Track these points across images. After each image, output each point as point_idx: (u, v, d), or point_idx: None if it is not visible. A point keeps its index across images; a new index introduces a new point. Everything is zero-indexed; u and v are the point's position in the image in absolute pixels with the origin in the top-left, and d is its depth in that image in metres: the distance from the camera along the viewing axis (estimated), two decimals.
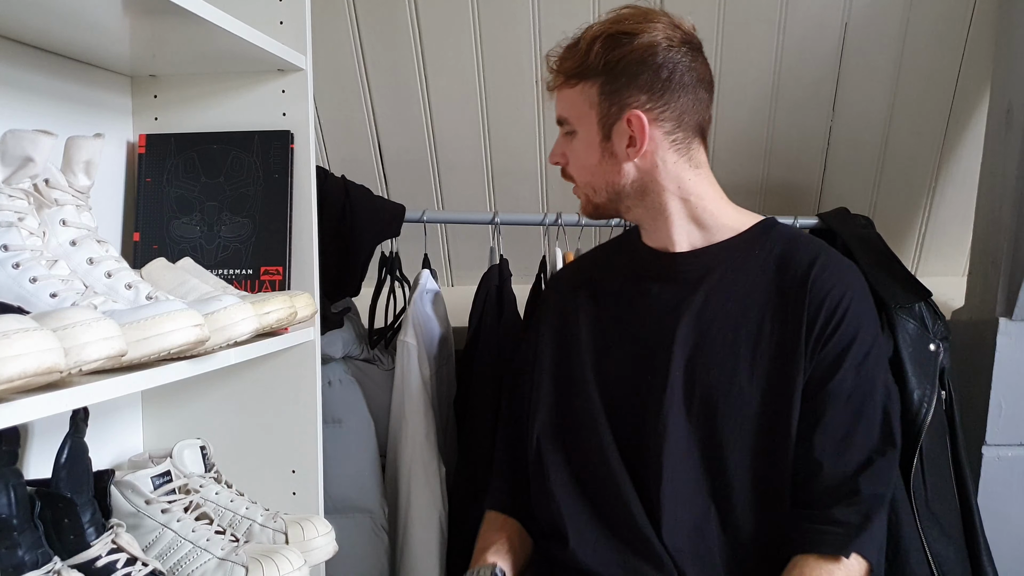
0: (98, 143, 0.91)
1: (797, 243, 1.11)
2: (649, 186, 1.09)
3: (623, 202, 1.11)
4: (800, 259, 1.08)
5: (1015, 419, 1.50)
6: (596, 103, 1.07)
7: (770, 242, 1.11)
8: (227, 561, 1.02)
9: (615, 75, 1.05)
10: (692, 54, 1.08)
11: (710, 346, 1.08)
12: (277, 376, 1.23)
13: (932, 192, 1.85)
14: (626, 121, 1.05)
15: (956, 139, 1.77)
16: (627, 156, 1.07)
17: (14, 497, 0.80)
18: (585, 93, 1.08)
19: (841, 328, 1.05)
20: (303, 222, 1.21)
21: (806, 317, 1.05)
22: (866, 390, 1.05)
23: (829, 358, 1.05)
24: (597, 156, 1.09)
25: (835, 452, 1.03)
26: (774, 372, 1.06)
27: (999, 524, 1.46)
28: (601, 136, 1.08)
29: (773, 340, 1.06)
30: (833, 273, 1.07)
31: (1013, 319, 1.47)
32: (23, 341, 0.59)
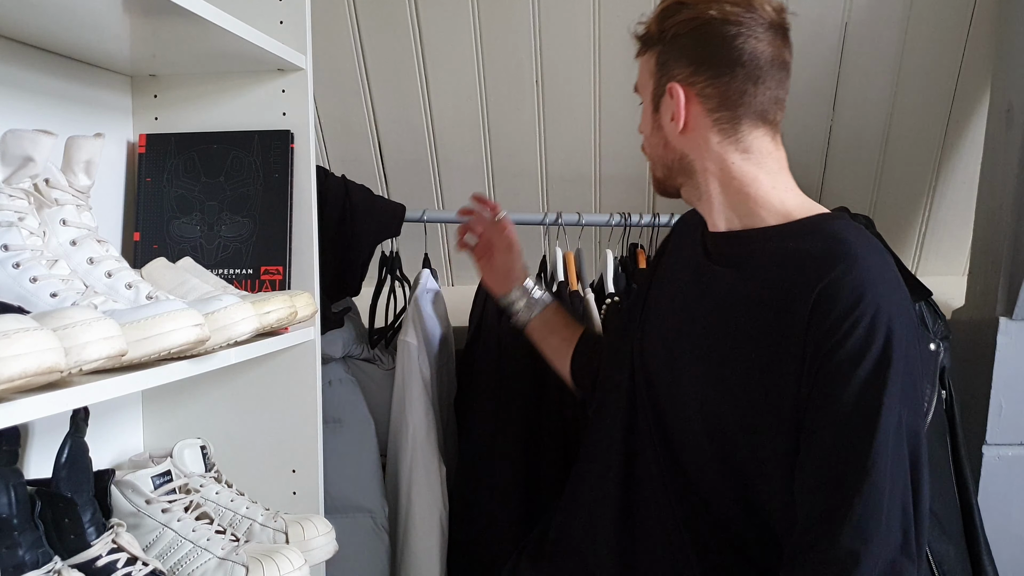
0: (98, 143, 0.91)
1: (833, 243, 0.94)
2: (693, 165, 1.03)
3: (676, 179, 1.06)
4: (822, 265, 0.92)
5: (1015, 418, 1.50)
6: (654, 73, 1.03)
7: (810, 237, 0.96)
8: (227, 561, 1.02)
9: (668, 45, 1.01)
10: (756, 31, 0.97)
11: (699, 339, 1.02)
12: (277, 376, 1.23)
13: (932, 192, 1.85)
14: (668, 93, 1.01)
15: (956, 139, 1.77)
16: (671, 130, 1.02)
17: (14, 497, 0.80)
18: (647, 62, 1.05)
19: (846, 346, 0.88)
20: (303, 222, 1.21)
21: (801, 334, 0.91)
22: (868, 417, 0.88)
23: (823, 381, 0.90)
24: (650, 128, 1.06)
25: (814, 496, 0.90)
26: (752, 387, 0.95)
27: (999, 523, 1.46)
28: (652, 107, 1.05)
29: (757, 350, 0.95)
30: (850, 283, 0.90)
31: (1013, 319, 1.47)
32: (23, 341, 0.59)
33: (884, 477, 0.86)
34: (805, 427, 0.91)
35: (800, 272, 0.93)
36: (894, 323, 0.89)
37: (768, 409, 0.93)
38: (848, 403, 0.88)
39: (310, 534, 1.16)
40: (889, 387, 0.87)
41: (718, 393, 0.98)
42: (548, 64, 1.72)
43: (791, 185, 1.03)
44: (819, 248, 0.94)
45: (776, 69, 1.00)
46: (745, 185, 1.01)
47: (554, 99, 1.77)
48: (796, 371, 0.91)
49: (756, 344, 0.95)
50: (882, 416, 0.87)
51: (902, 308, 0.93)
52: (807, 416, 0.91)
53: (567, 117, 1.80)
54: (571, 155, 1.86)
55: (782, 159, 1.03)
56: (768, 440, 0.94)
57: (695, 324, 1.03)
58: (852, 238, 0.95)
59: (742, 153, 1.00)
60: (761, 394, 0.94)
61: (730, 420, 0.97)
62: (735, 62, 0.97)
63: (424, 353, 1.50)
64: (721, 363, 0.98)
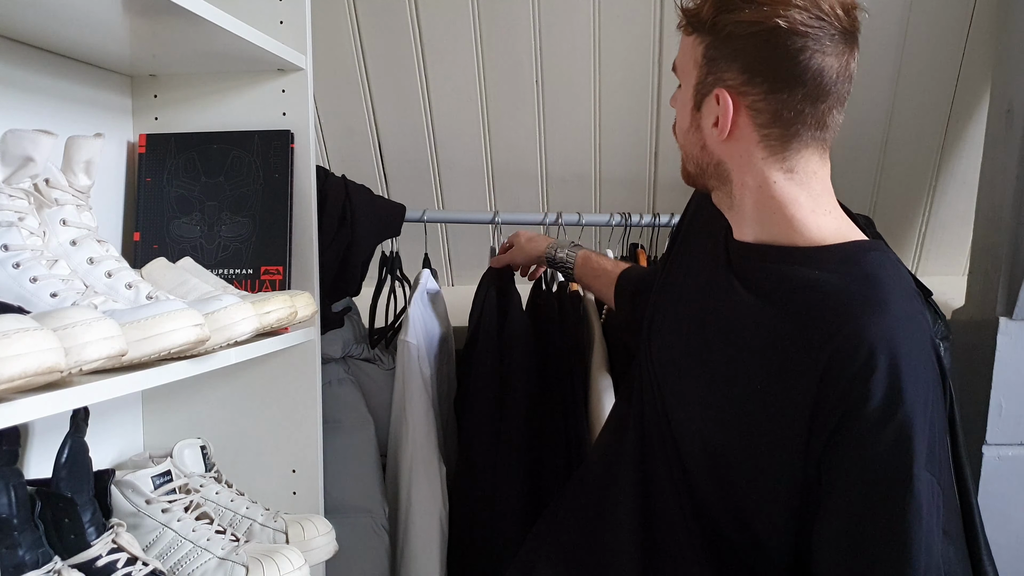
0: (98, 143, 0.91)
1: (864, 284, 0.86)
2: (730, 175, 0.93)
3: (707, 179, 0.97)
4: (848, 303, 0.84)
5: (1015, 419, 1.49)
6: (699, 64, 0.91)
7: (841, 270, 0.87)
8: (227, 561, 1.02)
9: (720, 41, 0.89)
10: (825, 44, 0.86)
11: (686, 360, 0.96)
12: (277, 376, 1.23)
13: (932, 192, 1.85)
14: (715, 97, 0.90)
15: (956, 139, 1.77)
16: (711, 135, 0.92)
17: (14, 497, 0.80)
18: (694, 48, 0.92)
19: (865, 409, 0.81)
20: (303, 222, 1.21)
21: (814, 386, 0.83)
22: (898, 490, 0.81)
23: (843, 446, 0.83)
24: (687, 123, 0.95)
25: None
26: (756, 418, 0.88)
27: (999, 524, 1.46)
28: (693, 103, 0.93)
29: (767, 382, 0.87)
30: (871, 333, 0.82)
31: (1013, 318, 1.47)
32: (23, 341, 0.59)
33: (919, 554, 0.81)
34: (825, 490, 0.84)
35: (824, 310, 0.85)
36: (918, 384, 0.82)
37: (771, 447, 0.87)
38: (873, 475, 0.82)
39: (310, 534, 1.16)
40: (916, 457, 0.81)
41: (719, 417, 0.91)
42: (548, 64, 1.72)
43: (832, 206, 0.93)
44: (847, 287, 0.86)
45: (840, 84, 0.89)
46: (784, 206, 0.91)
47: (554, 99, 1.77)
48: (807, 417, 0.84)
49: (767, 376, 0.87)
50: (914, 487, 0.80)
51: (924, 358, 0.85)
52: (826, 477, 0.84)
53: (567, 117, 1.80)
54: (571, 155, 1.86)
55: (827, 177, 0.94)
56: (768, 479, 0.88)
57: (705, 341, 0.95)
58: (884, 277, 0.87)
59: (786, 173, 0.91)
60: (765, 429, 0.87)
61: (728, 447, 0.91)
62: (796, 80, 0.86)
63: (424, 353, 1.50)
64: (727, 386, 0.91)
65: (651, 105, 1.77)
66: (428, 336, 1.52)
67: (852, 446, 0.82)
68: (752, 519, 0.91)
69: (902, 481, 0.80)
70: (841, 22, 0.86)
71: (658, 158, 1.85)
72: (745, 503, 0.91)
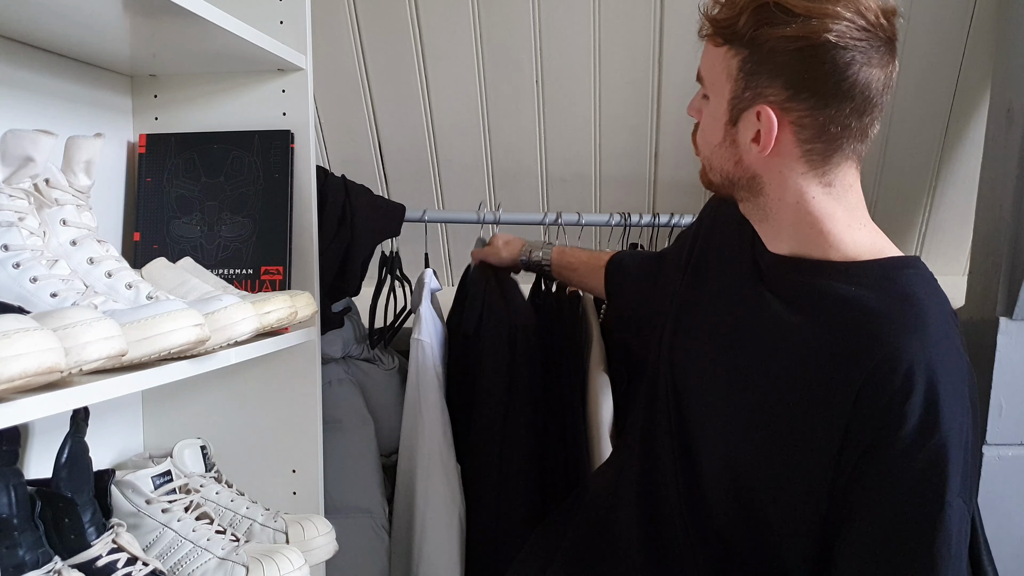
0: (98, 143, 0.91)
1: (902, 303, 0.84)
2: (765, 189, 0.91)
3: (736, 191, 0.94)
4: (886, 324, 0.82)
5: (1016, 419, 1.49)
6: (734, 77, 0.87)
7: (877, 288, 0.85)
8: (227, 561, 1.02)
9: (761, 56, 0.85)
10: (872, 56, 0.84)
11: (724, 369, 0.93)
12: (277, 376, 1.23)
13: (932, 192, 1.85)
14: (755, 113, 0.87)
15: (956, 139, 1.77)
16: (748, 151, 0.89)
17: (14, 497, 0.80)
18: (726, 60, 0.88)
19: (900, 433, 0.79)
20: (303, 222, 1.21)
21: (850, 406, 0.81)
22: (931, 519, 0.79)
23: (878, 468, 0.81)
24: (720, 137, 0.91)
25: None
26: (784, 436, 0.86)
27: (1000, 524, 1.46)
28: (728, 118, 0.89)
29: (792, 412, 0.86)
30: (910, 354, 0.80)
31: (1013, 318, 1.47)
32: (23, 341, 0.59)
33: (947, 573, 0.80)
34: (853, 510, 0.82)
35: (862, 328, 0.83)
36: (954, 409, 0.80)
37: (799, 464, 0.85)
38: (905, 499, 0.80)
39: (310, 534, 1.16)
40: (950, 483, 0.79)
41: (746, 431, 0.89)
42: (548, 64, 1.72)
43: (866, 220, 0.92)
44: (886, 306, 0.84)
45: (885, 95, 0.87)
46: (820, 220, 0.89)
47: (554, 99, 1.77)
48: (839, 435, 0.82)
49: (800, 391, 0.85)
50: (945, 515, 0.79)
51: (960, 382, 0.83)
52: (855, 497, 0.82)
53: (567, 117, 1.80)
54: (571, 155, 1.86)
55: (859, 189, 0.92)
56: (793, 497, 0.86)
57: (735, 354, 0.93)
58: (923, 297, 0.86)
59: (824, 187, 0.89)
60: (794, 445, 0.85)
61: (753, 463, 0.89)
62: (845, 95, 0.84)
63: (436, 351, 1.49)
64: (757, 399, 0.89)
65: (651, 105, 1.77)
66: (437, 334, 1.52)
67: (884, 468, 0.80)
68: (771, 540, 0.89)
69: (934, 508, 0.79)
70: (885, 31, 0.85)
71: (658, 158, 1.84)
72: (765, 524, 0.89)
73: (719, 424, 0.93)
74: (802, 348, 0.86)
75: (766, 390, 0.88)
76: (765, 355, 0.90)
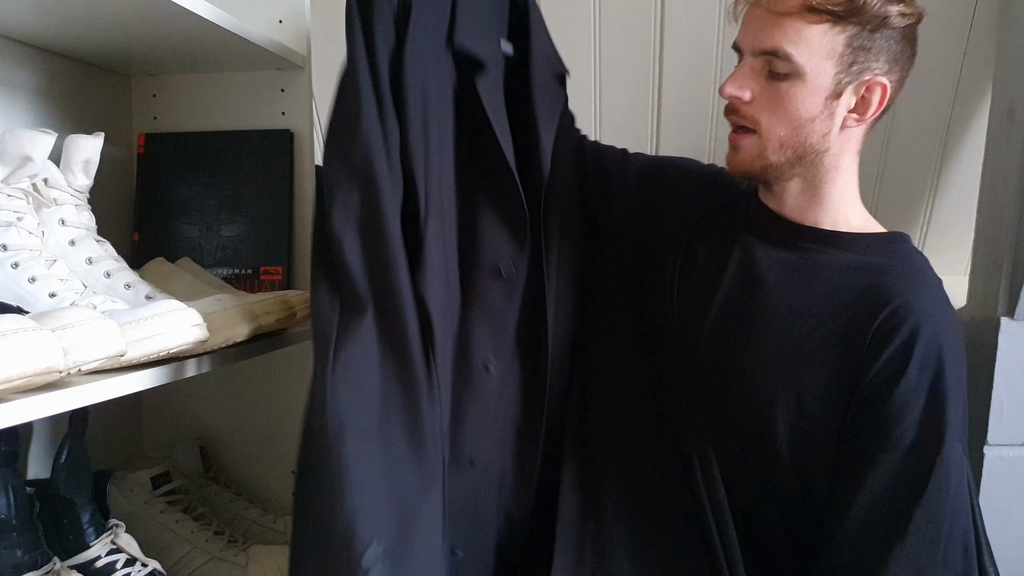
0: (97, 142, 0.91)
1: (906, 268, 0.96)
2: (825, 161, 0.96)
3: (794, 168, 0.97)
4: (897, 286, 0.93)
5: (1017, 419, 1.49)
6: (839, 54, 0.90)
7: (885, 255, 0.97)
8: (226, 561, 1.02)
9: (872, 30, 0.90)
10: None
11: (754, 325, 0.98)
12: (276, 376, 1.23)
13: (933, 192, 1.85)
14: (866, 86, 0.91)
15: (957, 138, 1.77)
16: (843, 122, 0.94)
17: (13, 497, 0.80)
18: (828, 37, 0.90)
19: (907, 375, 0.88)
20: (303, 222, 1.21)
21: (869, 350, 0.91)
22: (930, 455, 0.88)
23: (888, 408, 0.89)
24: (817, 110, 0.92)
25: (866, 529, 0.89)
26: (805, 390, 0.93)
27: (1000, 524, 1.45)
28: (831, 92, 0.92)
29: (822, 359, 0.93)
30: (921, 310, 0.91)
31: (1015, 319, 1.47)
32: (22, 341, 0.59)
33: (944, 511, 0.85)
34: (857, 453, 0.90)
35: (875, 286, 0.93)
36: (955, 359, 0.90)
37: (817, 401, 0.93)
38: (907, 435, 0.88)
39: None
40: (949, 424, 0.87)
41: (771, 386, 0.95)
42: None
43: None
44: (894, 269, 0.95)
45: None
46: (846, 192, 0.98)
47: None
48: (854, 375, 0.91)
49: (821, 339, 0.94)
50: (944, 452, 0.86)
51: (958, 335, 0.94)
52: (860, 434, 0.90)
53: None
54: None
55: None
56: (810, 436, 0.93)
57: (759, 312, 0.98)
58: (920, 263, 0.98)
59: (857, 155, 0.98)
60: (815, 388, 0.93)
61: (780, 410, 0.95)
62: (911, 67, 0.94)
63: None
64: (784, 348, 0.96)
65: (652, 104, 1.77)
66: None
67: (892, 405, 0.88)
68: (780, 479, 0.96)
69: (935, 445, 0.86)
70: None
71: None
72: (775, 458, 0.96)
73: (748, 368, 0.98)
74: (825, 301, 0.95)
75: (792, 339, 0.95)
76: (789, 314, 0.96)
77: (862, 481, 0.88)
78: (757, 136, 0.95)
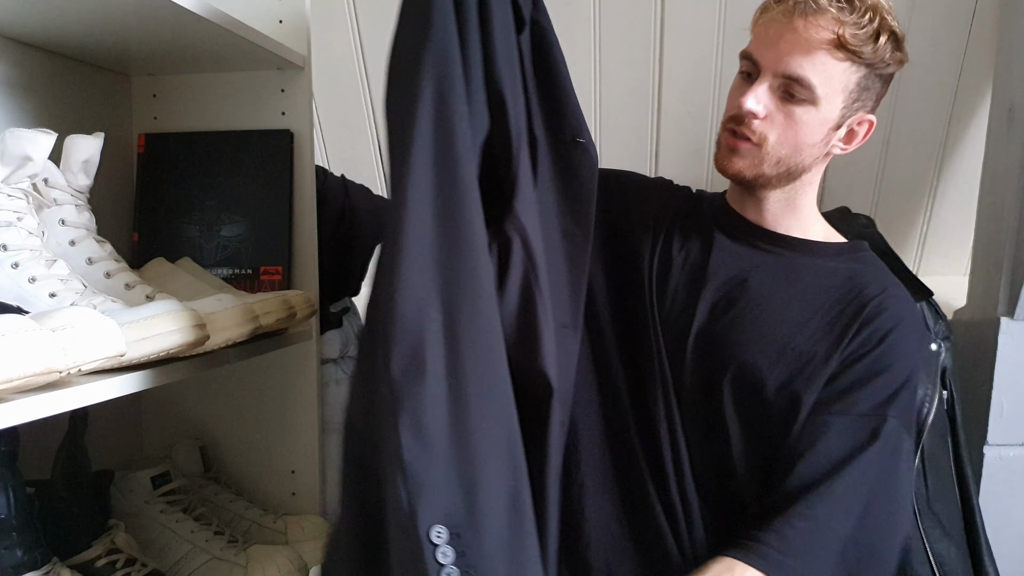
0: (97, 142, 0.91)
1: (875, 270, 1.07)
2: (807, 178, 1.05)
3: (782, 182, 1.04)
4: (871, 285, 1.03)
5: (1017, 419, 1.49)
6: (850, 90, 0.98)
7: (852, 260, 1.07)
8: (226, 561, 1.02)
9: (878, 75, 1.00)
10: None
11: (744, 317, 1.03)
12: (276, 376, 1.23)
13: (934, 191, 1.85)
14: (858, 121, 1.02)
15: (957, 138, 1.77)
16: (832, 149, 1.04)
17: (13, 497, 0.80)
18: (847, 74, 0.97)
19: (872, 355, 0.99)
20: (303, 222, 1.21)
21: (848, 337, 1.00)
22: (875, 425, 0.97)
23: (850, 379, 0.99)
24: (819, 138, 1.00)
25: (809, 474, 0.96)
26: (796, 376, 1.00)
27: (1000, 524, 1.46)
28: (835, 124, 1.00)
29: (809, 346, 1.01)
30: (893, 305, 1.02)
31: (1015, 319, 1.47)
32: (22, 341, 0.59)
33: (870, 476, 0.95)
34: (818, 416, 0.98)
35: (856, 283, 1.03)
36: (916, 347, 1.03)
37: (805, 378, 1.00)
38: (857, 409, 0.97)
39: (309, 535, 1.16)
40: (896, 403, 0.98)
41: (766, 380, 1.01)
42: None
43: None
44: (870, 270, 1.06)
45: None
46: (814, 202, 1.09)
47: None
48: (838, 355, 0.99)
49: (814, 327, 1.01)
50: (886, 426, 0.96)
51: (922, 327, 1.09)
52: (820, 405, 0.99)
53: None
54: None
55: None
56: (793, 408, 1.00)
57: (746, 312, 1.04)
58: (883, 265, 1.09)
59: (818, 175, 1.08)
60: (804, 370, 1.00)
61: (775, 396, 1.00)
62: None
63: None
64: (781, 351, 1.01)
65: (652, 104, 1.77)
66: None
67: (852, 379, 0.98)
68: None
69: (879, 417, 0.97)
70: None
71: (659, 157, 1.84)
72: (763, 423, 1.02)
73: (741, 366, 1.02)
74: (810, 296, 1.03)
75: (782, 332, 1.02)
76: (774, 306, 1.04)
77: (816, 441, 0.97)
78: (760, 149, 1.00)
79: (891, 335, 0.99)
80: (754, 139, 1.00)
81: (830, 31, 0.95)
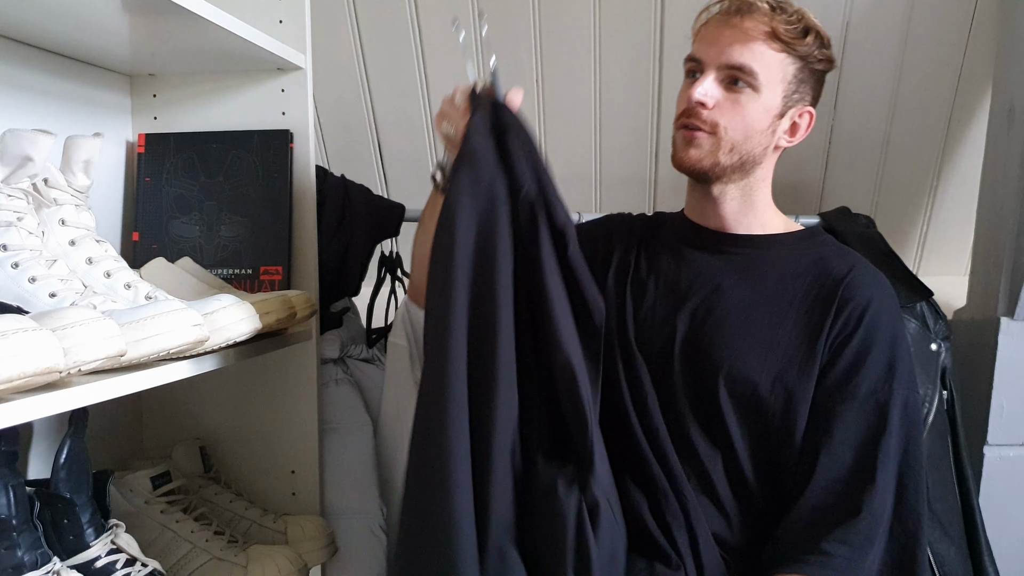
0: (97, 142, 0.91)
1: (837, 251, 1.14)
2: (757, 172, 1.11)
3: (736, 172, 1.10)
4: (838, 266, 1.10)
5: (1017, 419, 1.49)
6: (788, 80, 1.07)
7: (814, 245, 1.14)
8: (226, 561, 1.02)
9: (811, 70, 1.09)
10: None
11: (725, 321, 1.08)
12: (276, 376, 1.23)
13: (934, 191, 1.85)
14: (799, 113, 1.10)
15: (957, 138, 1.77)
16: (779, 140, 1.11)
17: (13, 497, 0.79)
18: (784, 65, 1.07)
19: (858, 335, 1.04)
20: (303, 222, 1.21)
21: (828, 322, 1.06)
22: (882, 401, 1.02)
23: (844, 364, 1.04)
24: (765, 125, 1.08)
25: (838, 466, 1.00)
26: (787, 368, 1.05)
27: (1000, 524, 1.46)
28: (778, 112, 1.08)
29: (792, 338, 1.06)
30: (863, 282, 1.08)
31: (1015, 319, 1.47)
32: (22, 341, 0.59)
33: (901, 446, 1.00)
34: (823, 408, 1.03)
35: (830, 269, 1.09)
36: (897, 318, 1.09)
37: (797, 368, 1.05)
38: (862, 390, 1.03)
39: (309, 535, 1.16)
40: (897, 373, 1.03)
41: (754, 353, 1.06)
42: (548, 64, 1.72)
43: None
44: (836, 254, 1.12)
45: None
46: (770, 198, 1.15)
47: (554, 99, 1.77)
48: (824, 341, 1.05)
49: (796, 318, 1.07)
50: (894, 397, 1.02)
51: (896, 302, 1.12)
52: (821, 396, 1.04)
53: (567, 117, 1.80)
54: (571, 155, 1.86)
55: None
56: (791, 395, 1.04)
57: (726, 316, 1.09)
58: (844, 246, 1.17)
59: (772, 172, 1.14)
60: (794, 359, 1.05)
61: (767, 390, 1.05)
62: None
63: (416, 354, 1.47)
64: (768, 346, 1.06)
65: (651, 105, 1.77)
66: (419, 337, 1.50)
67: (846, 365, 1.04)
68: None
69: (886, 392, 1.02)
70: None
71: (659, 157, 1.84)
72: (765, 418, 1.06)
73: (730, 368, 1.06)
74: (783, 289, 1.09)
75: (764, 327, 1.07)
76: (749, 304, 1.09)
77: (831, 430, 1.01)
78: (714, 137, 1.08)
79: (868, 312, 1.05)
80: (706, 128, 1.07)
81: (766, 25, 1.05)
